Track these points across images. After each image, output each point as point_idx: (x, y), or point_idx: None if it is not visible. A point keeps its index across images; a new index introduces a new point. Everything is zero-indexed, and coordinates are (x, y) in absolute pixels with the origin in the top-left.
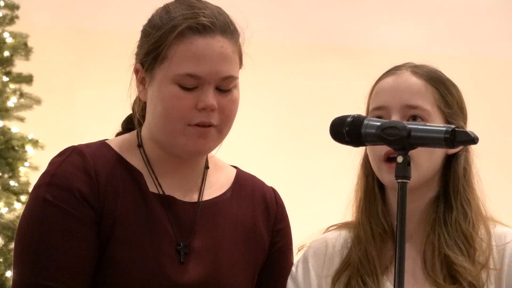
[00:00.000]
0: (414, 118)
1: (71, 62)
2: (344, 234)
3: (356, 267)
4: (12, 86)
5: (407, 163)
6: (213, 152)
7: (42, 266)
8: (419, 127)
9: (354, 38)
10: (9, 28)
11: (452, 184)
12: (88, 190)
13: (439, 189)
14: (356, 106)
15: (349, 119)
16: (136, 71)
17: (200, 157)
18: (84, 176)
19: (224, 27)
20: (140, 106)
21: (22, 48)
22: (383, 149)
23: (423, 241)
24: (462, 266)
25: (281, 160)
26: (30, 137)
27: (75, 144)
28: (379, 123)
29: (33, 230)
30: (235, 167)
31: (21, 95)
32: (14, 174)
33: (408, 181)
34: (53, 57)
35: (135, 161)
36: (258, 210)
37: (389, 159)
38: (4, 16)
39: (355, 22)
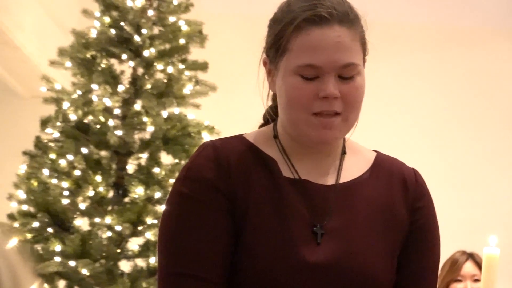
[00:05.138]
0: None
1: (244, 49)
2: None
3: None
4: (187, 73)
5: None
6: (348, 136)
7: (180, 256)
8: None
9: None
10: (184, 16)
11: None
12: (220, 180)
13: None
14: None
15: None
16: (264, 63)
17: (331, 144)
18: (216, 167)
19: (343, 16)
20: (271, 98)
21: (197, 35)
22: None
23: None
24: None
25: (449, 146)
26: (206, 123)
27: (249, 130)
28: None
29: (171, 222)
30: (375, 151)
31: (197, 82)
32: None
33: None
34: (226, 44)
35: (270, 151)
36: (396, 190)
37: None
38: (179, 4)
39: None
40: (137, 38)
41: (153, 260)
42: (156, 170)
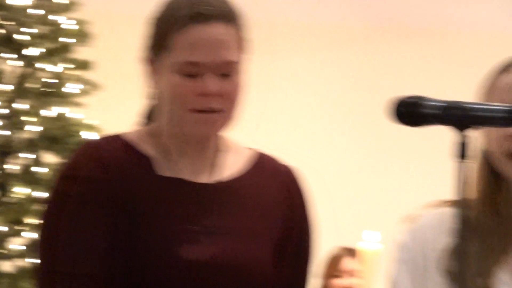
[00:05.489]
0: None
1: (134, 48)
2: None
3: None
4: (72, 72)
5: None
6: (224, 133)
7: (59, 254)
8: (480, 106)
9: (417, 19)
10: (72, 14)
11: None
12: (101, 178)
13: None
14: (418, 88)
15: (408, 100)
16: (146, 61)
17: (210, 140)
18: (96, 165)
19: (222, 13)
20: (153, 96)
21: (84, 34)
22: (507, 144)
23: None
24: None
25: (345, 146)
26: (90, 122)
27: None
28: (440, 103)
29: (50, 221)
30: (254, 149)
31: (81, 81)
32: None
33: None
34: (116, 44)
35: (148, 149)
36: (277, 187)
37: None
38: (64, 3)
39: (419, 2)
40: (20, 37)
41: (34, 260)
42: (39, 169)
